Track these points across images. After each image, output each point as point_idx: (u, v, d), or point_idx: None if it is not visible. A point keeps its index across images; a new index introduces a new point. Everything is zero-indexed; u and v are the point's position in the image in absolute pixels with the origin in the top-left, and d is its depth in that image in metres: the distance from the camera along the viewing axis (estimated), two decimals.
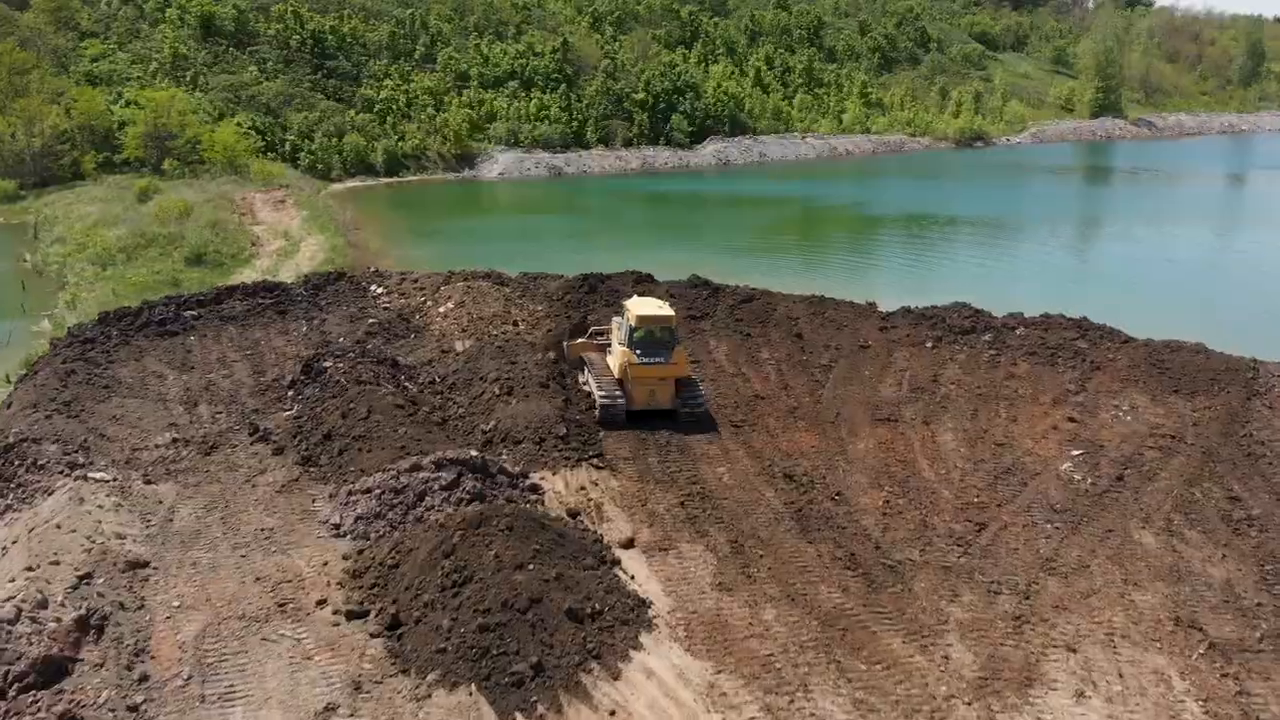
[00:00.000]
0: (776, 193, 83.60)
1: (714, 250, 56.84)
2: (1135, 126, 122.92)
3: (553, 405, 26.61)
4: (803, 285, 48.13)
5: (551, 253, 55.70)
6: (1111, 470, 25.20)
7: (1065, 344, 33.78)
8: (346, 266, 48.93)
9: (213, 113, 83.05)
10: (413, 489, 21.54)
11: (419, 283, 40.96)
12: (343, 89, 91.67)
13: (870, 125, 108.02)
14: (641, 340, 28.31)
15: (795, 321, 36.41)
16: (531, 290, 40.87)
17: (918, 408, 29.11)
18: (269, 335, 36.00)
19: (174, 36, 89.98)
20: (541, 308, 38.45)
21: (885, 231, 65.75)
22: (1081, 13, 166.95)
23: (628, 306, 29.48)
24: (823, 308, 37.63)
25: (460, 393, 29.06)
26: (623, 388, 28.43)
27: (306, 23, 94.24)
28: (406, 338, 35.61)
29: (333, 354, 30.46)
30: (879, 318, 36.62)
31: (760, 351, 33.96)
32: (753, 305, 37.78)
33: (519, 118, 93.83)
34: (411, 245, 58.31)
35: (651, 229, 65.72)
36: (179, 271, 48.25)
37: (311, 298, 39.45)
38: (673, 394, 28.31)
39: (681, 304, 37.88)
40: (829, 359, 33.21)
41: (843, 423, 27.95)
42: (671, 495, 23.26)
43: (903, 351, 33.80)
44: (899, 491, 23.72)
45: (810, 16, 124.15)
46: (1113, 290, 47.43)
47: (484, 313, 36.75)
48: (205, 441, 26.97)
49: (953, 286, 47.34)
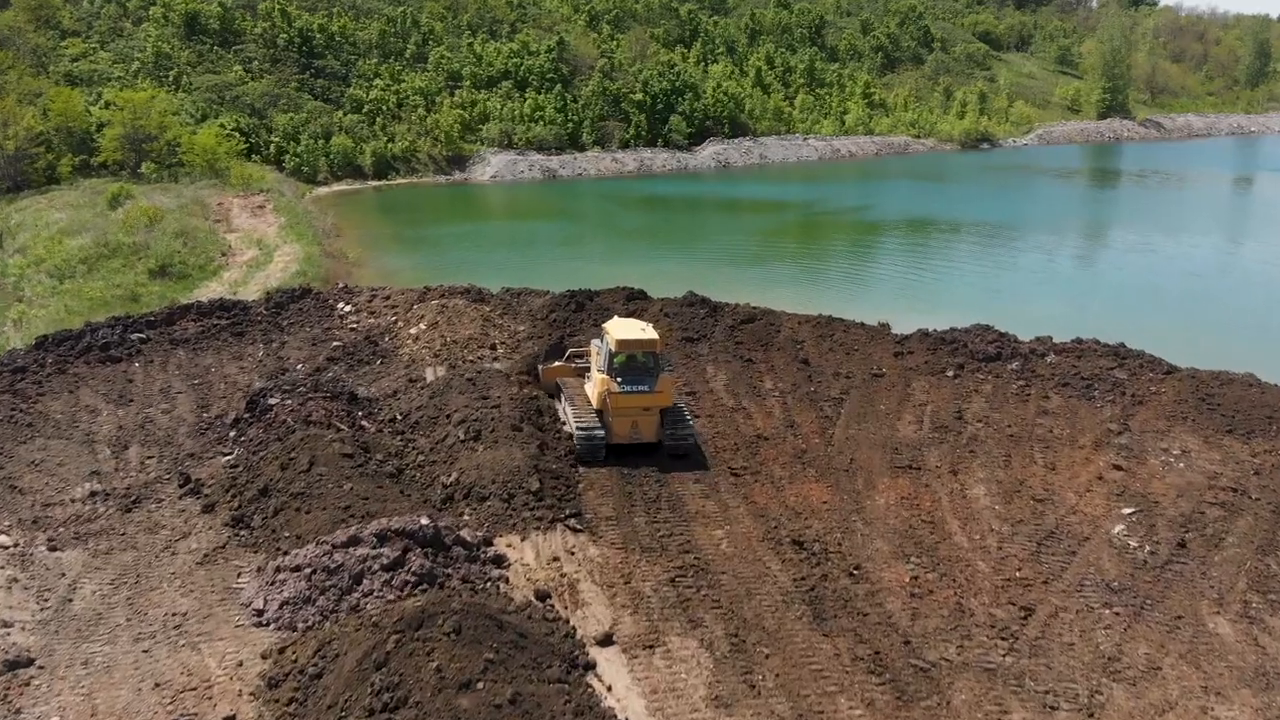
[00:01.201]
0: (777, 196, 79.75)
1: (713, 259, 53.08)
2: (1143, 128, 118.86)
3: (525, 453, 22.81)
4: (805, 298, 44.47)
5: (542, 262, 51.92)
6: (1170, 534, 21.40)
7: (1101, 374, 30.00)
8: (321, 278, 45.21)
9: (195, 114, 79.23)
10: (349, 569, 17.78)
11: (390, 300, 37.19)
12: (331, 89, 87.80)
13: (873, 126, 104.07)
14: (622, 367, 25.00)
15: (801, 345, 32.63)
16: (513, 308, 37.13)
17: (942, 452, 25.31)
18: (221, 361, 32.27)
19: (157, 35, 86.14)
20: (524, 328, 34.70)
21: (891, 239, 61.91)
22: (1086, 12, 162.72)
23: (607, 329, 26.01)
24: (831, 329, 33.84)
25: (424, 433, 25.29)
26: (602, 419, 25.07)
27: (294, 21, 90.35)
28: (372, 364, 31.86)
29: (281, 388, 26.69)
30: (893, 341, 32.81)
31: (763, 380, 30.16)
32: (754, 326, 34.02)
33: (513, 119, 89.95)
34: (394, 254, 54.54)
35: (648, 235, 61.92)
36: (141, 285, 44.40)
37: (272, 318, 35.71)
38: (657, 426, 25.01)
39: (677, 324, 34.20)
40: (840, 390, 29.41)
41: (858, 471, 24.15)
42: (660, 569, 19.47)
43: (921, 381, 30.00)
44: (928, 564, 19.93)
45: (812, 15, 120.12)
46: (1138, 307, 43.60)
47: (459, 335, 32.95)
48: (128, 495, 23.27)
49: (966, 301, 43.62)
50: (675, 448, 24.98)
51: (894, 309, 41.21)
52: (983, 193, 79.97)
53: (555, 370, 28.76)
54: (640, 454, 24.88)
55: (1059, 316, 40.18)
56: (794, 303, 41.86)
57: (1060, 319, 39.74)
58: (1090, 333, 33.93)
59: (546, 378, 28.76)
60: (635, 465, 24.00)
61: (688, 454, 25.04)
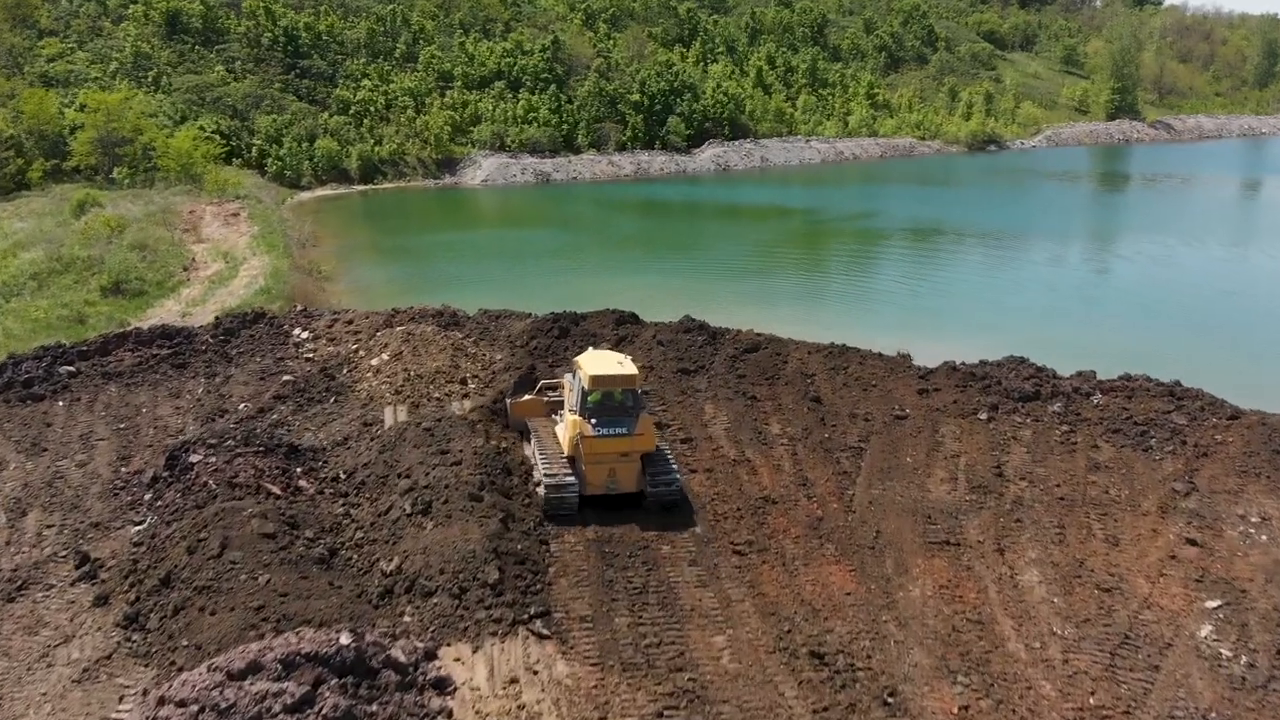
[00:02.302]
0: (779, 201, 75.55)
1: (711, 272, 48.92)
2: (1153, 129, 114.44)
3: (483, 532, 18.61)
4: (812, 319, 40.27)
5: (529, 275, 47.76)
6: (1268, 637, 17.24)
7: (1157, 418, 25.80)
8: (286, 295, 41.04)
9: (174, 115, 75.02)
10: (242, 710, 13.62)
11: (353, 325, 32.99)
12: (316, 90, 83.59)
13: (877, 128, 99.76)
14: (597, 407, 21.40)
15: (811, 379, 28.44)
16: (491, 333, 32.95)
17: (983, 520, 21.12)
18: (156, 399, 28.12)
19: (137, 34, 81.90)
20: (501, 357, 30.49)
21: (901, 250, 57.66)
22: (1090, 11, 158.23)
23: (579, 364, 22.28)
24: (845, 360, 29.63)
25: (370, 496, 21.13)
26: (574, 466, 21.33)
27: (279, 19, 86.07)
28: (325, 402, 27.67)
29: (206, 441, 22.50)
30: (916, 376, 28.58)
31: (769, 423, 25.97)
32: (759, 356, 29.82)
33: (505, 120, 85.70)
34: (371, 265, 50.38)
35: (643, 244, 57.75)
36: (90, 304, 40.20)
37: (220, 346, 31.52)
38: (638, 473, 21.39)
39: (672, 353, 30.03)
40: (858, 436, 25.22)
41: (886, 548, 19.96)
42: (645, 695, 15.29)
43: (951, 425, 25.80)
44: (979, 685, 15.76)
45: (814, 14, 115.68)
46: (1179, 333, 39.22)
47: (425, 368, 28.74)
48: (14, 578, 19.11)
49: (989, 323, 39.46)
50: (659, 497, 21.29)
51: (911, 332, 37.09)
52: (994, 198, 75.64)
53: (524, 406, 24.85)
54: (619, 506, 21.03)
55: (1094, 343, 36.07)
56: (800, 325, 37.72)
57: (1096, 346, 35.60)
58: (1131, 362, 29.79)
59: (515, 414, 24.82)
60: (618, 546, 19.78)
61: (674, 505, 21.31)
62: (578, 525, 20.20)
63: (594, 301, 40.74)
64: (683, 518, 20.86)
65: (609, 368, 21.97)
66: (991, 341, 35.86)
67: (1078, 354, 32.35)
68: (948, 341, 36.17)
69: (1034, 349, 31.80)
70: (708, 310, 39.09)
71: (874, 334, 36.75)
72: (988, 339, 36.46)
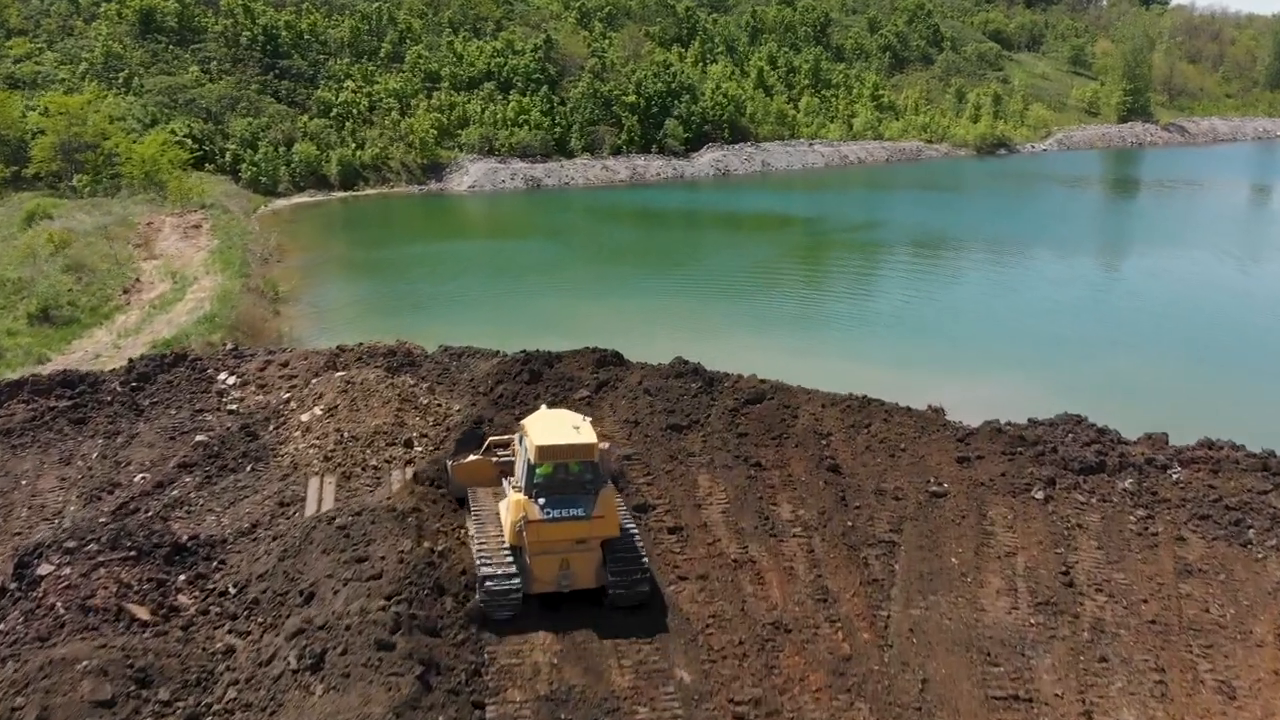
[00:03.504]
0: (781, 209, 70.28)
1: (708, 292, 43.79)
2: (1167, 132, 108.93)
3: (389, 702, 13.44)
4: (816, 347, 35.21)
5: (509, 295, 42.64)
6: None
7: (1252, 500, 20.69)
8: (230, 323, 35.88)
9: (143, 119, 69.80)
10: None
11: (289, 368, 27.84)
12: (296, 91, 78.30)
13: (883, 130, 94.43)
14: (547, 483, 17.10)
15: (827, 440, 23.31)
16: (451, 375, 27.85)
17: (1058, 659, 16.00)
18: (42, 466, 23.05)
19: (108, 34, 76.64)
20: (459, 408, 25.38)
21: (916, 267, 52.37)
22: (1097, 11, 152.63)
23: (525, 429, 17.78)
24: (866, 416, 24.44)
25: (261, 622, 16.04)
26: (518, 558, 16.83)
27: (259, 17, 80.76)
28: (240, 471, 22.55)
29: (61, 544, 17.35)
30: (953, 438, 23.39)
31: (778, 502, 20.86)
32: (764, 409, 24.66)
33: (494, 123, 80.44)
34: (336, 284, 45.25)
35: (636, 259, 52.62)
36: (12, 335, 35.14)
37: (130, 397, 26.35)
38: (597, 565, 17.22)
39: (661, 404, 24.88)
40: (888, 523, 20.09)
41: (937, 709, 14.83)
42: None
43: (1000, 507, 20.67)
44: None
45: (816, 13, 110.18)
46: (1241, 373, 33.90)
47: (362, 427, 23.59)
48: None
49: (1026, 357, 34.27)
50: (622, 600, 16.94)
51: (934, 367, 32.02)
52: (1009, 206, 70.19)
53: (468, 469, 20.05)
54: (572, 606, 16.61)
55: (1149, 386, 30.84)
56: (805, 357, 32.71)
57: (1152, 390, 30.41)
58: (1201, 416, 24.77)
59: (456, 479, 20.01)
60: (577, 711, 14.66)
61: (641, 606, 16.97)
62: (527, 677, 15.01)
63: (576, 327, 35.80)
64: (663, 657, 15.74)
65: (561, 434, 17.27)
66: (1030, 382, 30.86)
67: (1136, 401, 27.33)
68: (978, 378, 31.13)
69: (1084, 396, 26.82)
70: (703, 340, 34.13)
71: (889, 368, 31.78)
72: (1024, 378, 31.41)
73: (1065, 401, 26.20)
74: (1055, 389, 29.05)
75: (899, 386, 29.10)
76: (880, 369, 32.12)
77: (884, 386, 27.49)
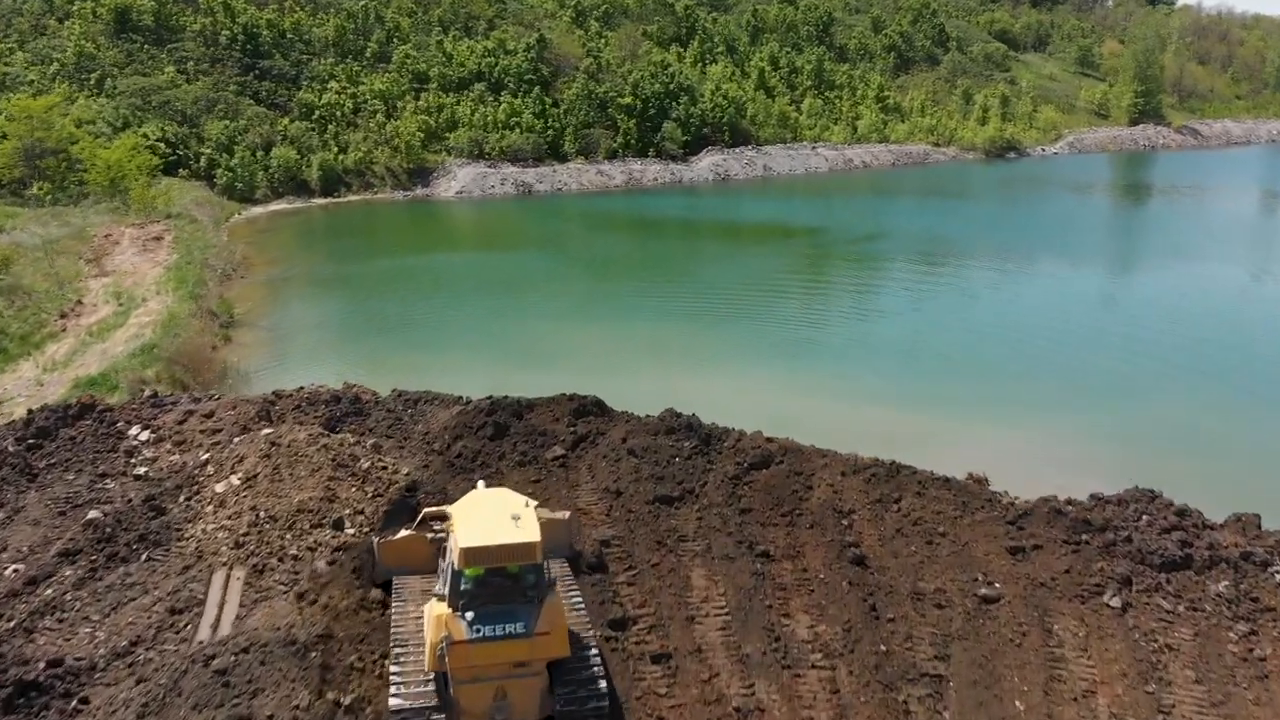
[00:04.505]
0: (782, 218, 65.72)
1: (706, 312, 39.33)
2: (1179, 135, 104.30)
3: None
4: (826, 383, 30.74)
5: (485, 318, 38.21)
6: None
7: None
8: (170, 354, 31.44)
9: (114, 122, 65.37)
10: None
11: (214, 419, 23.46)
12: (277, 92, 73.86)
13: (888, 133, 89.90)
14: (476, 592, 13.09)
15: (848, 521, 18.92)
16: (403, 427, 23.54)
17: None
18: None
19: (81, 33, 72.19)
20: (408, 470, 21.00)
21: (927, 283, 47.83)
22: (1104, 11, 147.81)
23: (452, 520, 13.76)
24: (895, 487, 20.00)
25: None
26: (442, 687, 13.07)
27: (239, 15, 76.24)
28: (133, 561, 18.17)
29: None
30: (1000, 519, 18.95)
31: (791, 613, 16.50)
32: (771, 476, 20.29)
33: (484, 125, 75.96)
34: (300, 304, 40.81)
35: (628, 274, 48.19)
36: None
37: (25, 457, 21.97)
38: (542, 693, 13.31)
39: (648, 469, 20.52)
40: (931, 643, 15.72)
41: None
42: None
43: (1067, 618, 16.29)
44: None
45: (819, 12, 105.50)
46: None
47: (284, 503, 19.14)
48: None
49: (1063, 401, 29.72)
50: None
51: (968, 413, 27.56)
52: (1027, 216, 65.35)
53: (398, 548, 15.92)
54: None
55: (1222, 446, 26.24)
56: (815, 401, 28.26)
57: (1228, 452, 25.74)
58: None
59: (385, 560, 15.90)
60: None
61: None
62: None
63: (557, 357, 31.45)
64: None
65: (494, 530, 13.21)
66: (1077, 431, 26.36)
67: (1208, 461, 22.89)
68: (1015, 423, 26.66)
69: (1144, 452, 22.40)
70: (698, 374, 29.77)
71: (911, 409, 27.33)
72: (1070, 426, 26.90)
73: (1120, 457, 21.95)
74: (1106, 439, 24.68)
75: (925, 435, 24.78)
76: (901, 410, 27.72)
77: (907, 436, 23.22)
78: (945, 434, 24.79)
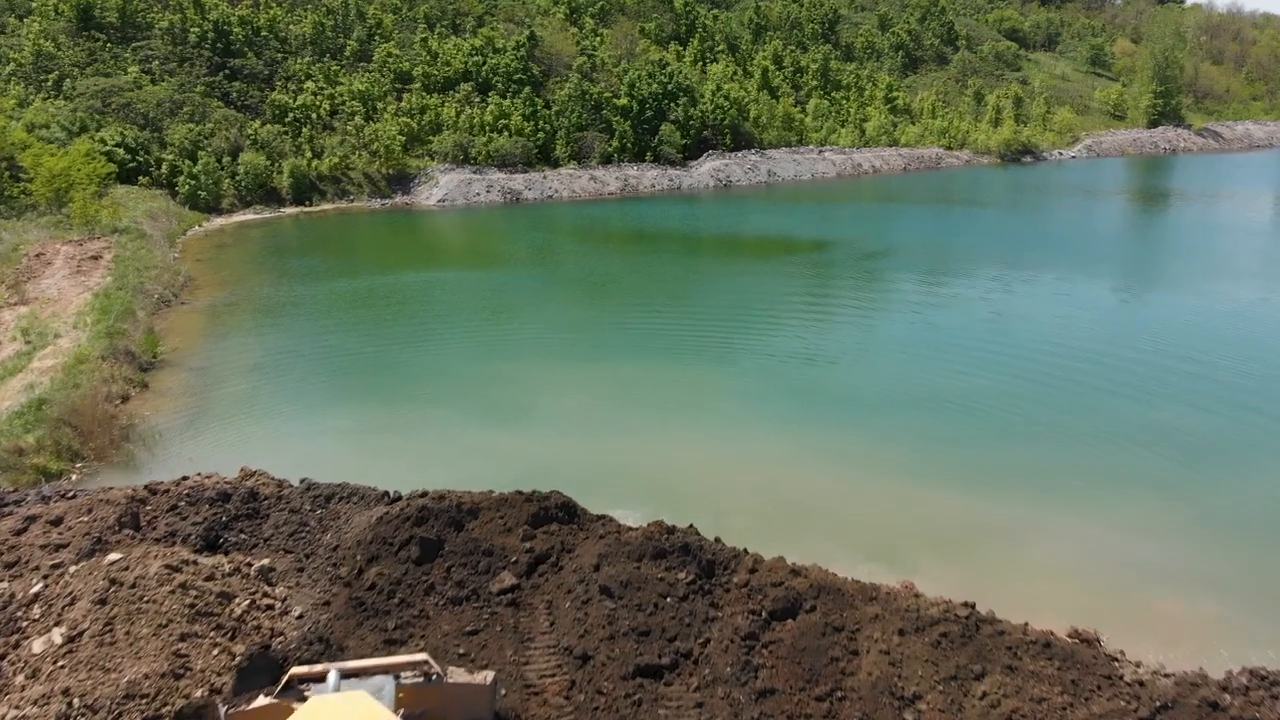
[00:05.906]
0: (788, 230, 59.80)
1: (703, 349, 33.31)
2: (1201, 138, 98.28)
3: None
4: (849, 458, 24.62)
5: (446, 361, 32.23)
6: None
7: None
8: (65, 411, 25.53)
9: (71, 125, 59.53)
10: None
11: (62, 528, 17.54)
12: (249, 94, 67.95)
13: (898, 136, 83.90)
14: None
15: (914, 708, 13.05)
16: (305, 539, 17.75)
17: None
18: None
19: (40, 31, 66.29)
20: (301, 611, 15.24)
21: (955, 314, 41.74)
22: (1113, 10, 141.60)
23: None
24: (975, 655, 14.12)
25: None
26: None
27: (209, 12, 70.28)
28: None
29: None
30: (1129, 711, 13.04)
31: None
32: (800, 632, 14.58)
33: (471, 128, 70.02)
34: (240, 337, 34.80)
35: (617, 300, 42.22)
36: None
37: None
38: None
39: (628, 616, 15.05)
40: None
41: None
42: None
43: None
44: None
45: (824, 9, 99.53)
46: None
47: (111, 681, 13.22)
48: None
49: (1156, 480, 23.64)
50: None
51: (1036, 500, 21.51)
52: (1054, 227, 59.22)
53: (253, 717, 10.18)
54: None
55: None
56: (839, 477, 22.26)
57: None
58: None
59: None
60: None
61: None
62: None
63: (522, 415, 25.56)
64: None
65: None
66: (1174, 525, 20.29)
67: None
68: (1100, 517, 20.61)
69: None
70: (692, 440, 23.83)
71: (960, 492, 21.30)
72: (1163, 517, 20.86)
73: (1243, 560, 15.89)
74: (1214, 531, 18.69)
75: (975, 529, 18.88)
76: (947, 496, 21.67)
77: (952, 529, 17.29)
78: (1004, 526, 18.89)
